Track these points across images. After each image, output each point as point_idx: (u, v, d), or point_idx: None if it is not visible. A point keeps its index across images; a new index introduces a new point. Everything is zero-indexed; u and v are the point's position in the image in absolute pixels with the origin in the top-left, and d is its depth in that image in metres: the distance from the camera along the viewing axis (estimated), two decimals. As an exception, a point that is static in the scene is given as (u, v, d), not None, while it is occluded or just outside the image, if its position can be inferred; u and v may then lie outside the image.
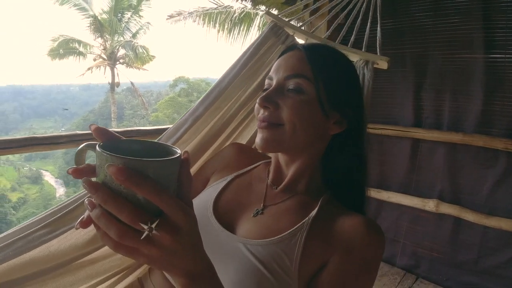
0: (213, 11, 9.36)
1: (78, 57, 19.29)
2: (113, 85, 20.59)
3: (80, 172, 0.49)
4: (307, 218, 0.81)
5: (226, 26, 9.16)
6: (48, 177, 49.00)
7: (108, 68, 20.20)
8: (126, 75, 21.04)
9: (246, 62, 1.41)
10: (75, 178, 0.49)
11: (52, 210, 1.03)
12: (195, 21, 10.01)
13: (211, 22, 9.49)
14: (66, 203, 1.04)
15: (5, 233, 0.99)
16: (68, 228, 0.99)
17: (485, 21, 2.07)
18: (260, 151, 0.91)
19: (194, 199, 0.92)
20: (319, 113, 0.84)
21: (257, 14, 8.47)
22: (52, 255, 0.96)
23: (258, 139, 0.85)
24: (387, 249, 2.67)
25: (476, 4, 2.08)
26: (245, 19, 8.78)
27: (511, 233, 2.12)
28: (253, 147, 1.35)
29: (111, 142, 0.51)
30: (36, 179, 45.93)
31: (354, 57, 1.51)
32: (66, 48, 18.85)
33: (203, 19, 9.60)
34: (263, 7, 3.95)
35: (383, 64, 1.48)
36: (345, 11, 1.67)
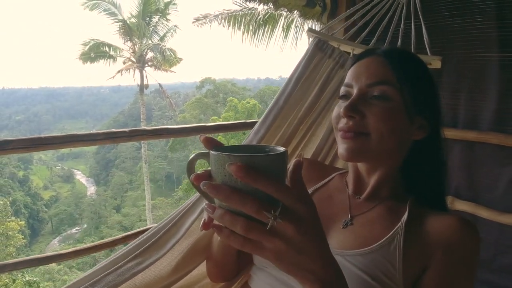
0: (237, 13, 9.46)
1: (108, 60, 19.82)
2: (142, 87, 21.02)
3: (201, 177, 0.53)
4: (400, 223, 0.80)
5: (250, 28, 9.25)
6: (80, 176, 50.45)
7: (137, 71, 20.63)
8: (154, 77, 21.36)
9: (298, 80, 1.46)
10: (196, 184, 0.53)
11: (138, 242, 1.09)
12: (220, 23, 10.16)
13: (236, 24, 9.59)
14: (150, 233, 1.11)
15: (94, 268, 1.03)
16: (154, 259, 1.04)
17: (499, 20, 2.08)
18: (345, 161, 0.91)
19: None
20: (405, 120, 0.83)
21: (281, 15, 8.52)
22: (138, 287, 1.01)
23: (342, 150, 0.84)
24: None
25: (491, 3, 2.09)
26: (269, 20, 8.84)
27: (529, 230, 2.13)
28: (318, 158, 1.40)
29: (218, 148, 0.54)
30: (68, 178, 47.37)
31: None
32: (97, 51, 19.39)
33: (228, 21, 9.72)
34: (285, 10, 4.00)
35: (436, 64, 1.50)
36: (387, 17, 1.70)
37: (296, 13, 3.97)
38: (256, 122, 2.93)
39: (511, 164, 2.13)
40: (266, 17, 8.89)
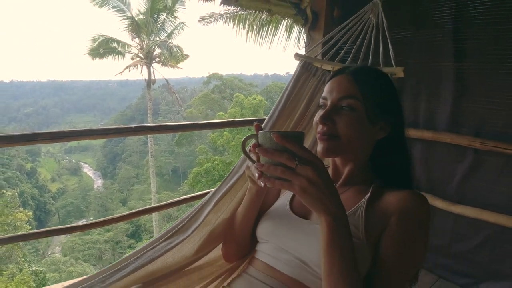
0: (242, 12, 9.62)
1: (117, 56, 19.94)
2: (149, 83, 21.17)
3: (254, 146, 0.85)
4: (363, 199, 1.02)
5: (254, 27, 9.42)
6: (87, 169, 50.84)
7: (144, 67, 20.79)
8: (161, 72, 21.53)
9: (288, 97, 1.79)
10: (253, 150, 0.85)
11: (168, 229, 1.42)
12: (225, 22, 10.33)
13: (241, 23, 9.76)
14: (177, 222, 1.44)
15: (137, 249, 1.36)
16: (180, 240, 1.37)
17: (455, 34, 2.35)
18: (321, 157, 1.07)
19: (274, 205, 1.23)
20: (368, 125, 1.04)
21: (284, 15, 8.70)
22: (169, 264, 1.34)
23: (319, 148, 1.06)
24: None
25: (448, 18, 2.36)
26: (273, 20, 9.04)
27: (479, 221, 2.38)
28: None
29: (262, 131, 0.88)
30: (75, 171, 47.79)
31: None
32: (106, 47, 19.48)
33: (233, 21, 9.89)
34: (279, 17, 4.25)
35: (399, 73, 1.83)
36: (359, 38, 2.00)
37: (287, 19, 4.25)
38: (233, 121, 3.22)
39: (463, 161, 2.43)
40: (269, 17, 9.07)
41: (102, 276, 1.28)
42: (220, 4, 3.33)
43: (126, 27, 19.55)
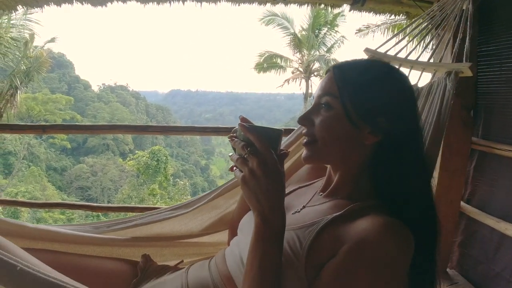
0: (401, 22, 8.59)
1: (279, 70, 20.77)
2: (306, 96, 21.50)
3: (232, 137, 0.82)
4: (329, 215, 0.82)
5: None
6: (249, 171, 54.84)
7: (303, 80, 21.09)
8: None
9: None
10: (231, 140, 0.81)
11: (178, 204, 1.47)
12: (382, 33, 9.50)
13: (401, 33, 8.70)
14: (187, 200, 1.49)
15: (146, 213, 1.44)
16: (181, 213, 1.42)
17: None
18: (305, 164, 1.04)
19: None
20: (348, 126, 0.84)
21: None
22: (172, 231, 1.41)
23: (302, 154, 0.92)
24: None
25: None
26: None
27: None
28: None
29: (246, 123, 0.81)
30: (240, 171, 51.88)
31: (440, 71, 1.52)
32: (269, 62, 20.51)
33: (392, 31, 9.00)
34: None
35: (466, 71, 1.45)
36: (439, 29, 1.75)
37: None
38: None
39: None
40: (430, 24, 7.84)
41: (109, 223, 1.36)
42: (350, 10, 2.93)
43: (288, 43, 20.17)
